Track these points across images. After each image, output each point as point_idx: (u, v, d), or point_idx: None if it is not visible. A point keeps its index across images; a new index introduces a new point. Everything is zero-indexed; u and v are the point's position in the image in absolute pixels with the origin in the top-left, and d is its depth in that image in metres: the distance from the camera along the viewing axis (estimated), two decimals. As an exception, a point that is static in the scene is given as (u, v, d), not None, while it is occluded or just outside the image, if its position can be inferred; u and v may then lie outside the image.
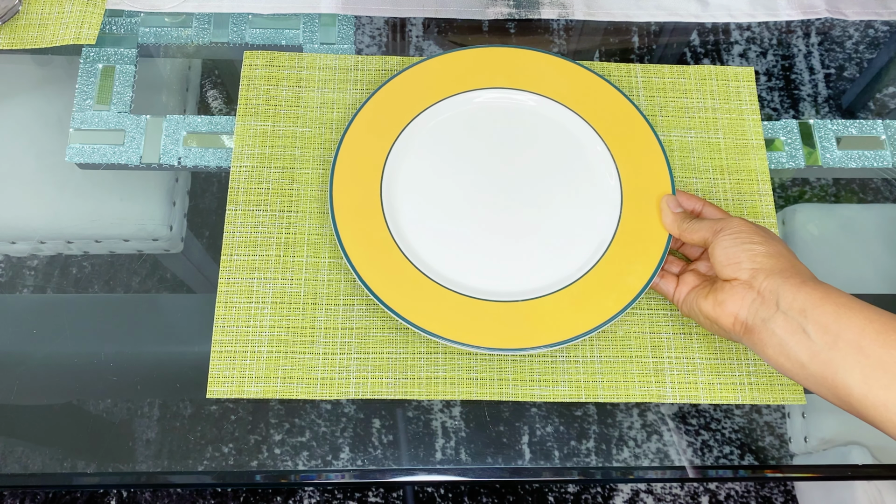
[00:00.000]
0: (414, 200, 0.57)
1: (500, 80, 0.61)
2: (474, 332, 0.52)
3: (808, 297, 0.45)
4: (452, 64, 0.61)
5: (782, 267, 0.47)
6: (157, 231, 0.60)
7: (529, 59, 0.61)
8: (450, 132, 0.60)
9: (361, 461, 0.53)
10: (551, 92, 0.60)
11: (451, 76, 0.61)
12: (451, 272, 0.55)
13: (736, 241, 0.49)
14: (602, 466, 0.54)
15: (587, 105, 0.60)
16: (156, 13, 0.66)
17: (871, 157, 0.63)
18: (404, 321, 0.52)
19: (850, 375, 0.42)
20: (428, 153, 0.59)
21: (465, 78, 0.61)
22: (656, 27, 0.69)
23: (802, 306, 0.45)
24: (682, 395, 0.54)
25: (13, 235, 0.60)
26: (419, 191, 0.57)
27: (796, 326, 0.45)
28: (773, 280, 0.47)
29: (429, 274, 0.54)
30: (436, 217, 0.57)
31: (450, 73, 0.61)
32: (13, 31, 0.64)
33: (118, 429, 0.53)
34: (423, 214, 0.57)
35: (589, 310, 0.53)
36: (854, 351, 0.42)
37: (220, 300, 0.55)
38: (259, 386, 0.53)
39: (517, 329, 0.52)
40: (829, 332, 0.43)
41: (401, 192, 0.57)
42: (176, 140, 0.61)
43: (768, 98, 0.66)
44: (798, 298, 0.45)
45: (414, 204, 0.57)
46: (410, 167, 0.58)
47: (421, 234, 0.56)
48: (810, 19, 0.70)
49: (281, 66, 0.63)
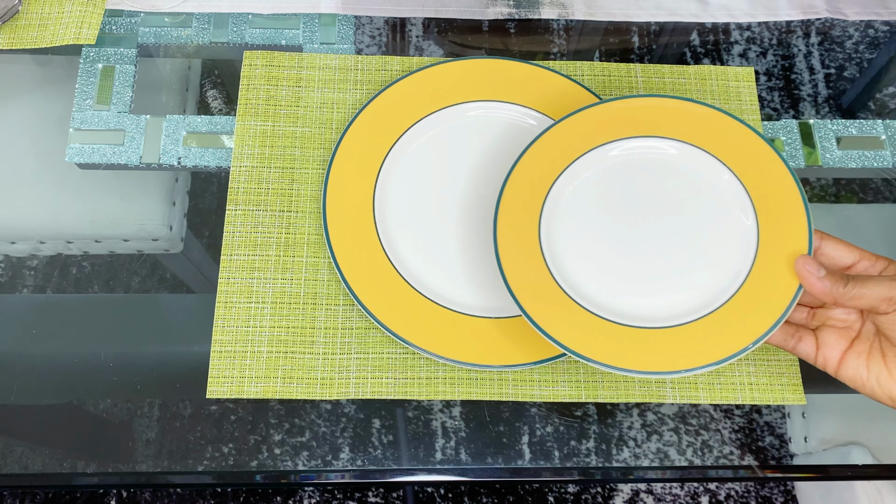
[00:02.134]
0: (405, 218, 0.57)
1: (496, 93, 0.61)
2: (463, 348, 0.52)
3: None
4: (450, 74, 0.61)
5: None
6: (156, 231, 0.60)
7: (527, 74, 0.61)
8: (442, 145, 0.60)
9: (361, 461, 0.53)
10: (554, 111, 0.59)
11: (447, 86, 0.61)
12: (440, 288, 0.55)
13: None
14: (602, 466, 0.54)
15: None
16: (156, 13, 0.66)
17: (871, 157, 0.63)
18: (402, 341, 0.52)
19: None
20: (419, 166, 0.59)
21: (462, 89, 0.61)
22: (656, 27, 0.69)
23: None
24: (682, 395, 0.54)
25: (13, 235, 0.60)
26: (411, 207, 0.57)
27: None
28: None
29: (419, 289, 0.54)
30: (425, 233, 0.57)
31: (447, 83, 0.61)
32: (13, 31, 0.64)
33: (118, 429, 0.53)
34: (416, 236, 0.57)
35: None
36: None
37: (220, 300, 0.55)
38: (259, 386, 0.53)
39: (512, 344, 0.53)
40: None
41: (393, 208, 0.57)
42: (176, 140, 0.61)
43: (768, 98, 0.66)
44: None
45: (407, 224, 0.57)
46: (400, 185, 0.58)
47: (412, 250, 0.56)
48: (810, 19, 0.70)
49: (281, 66, 0.63)
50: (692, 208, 0.53)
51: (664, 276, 0.51)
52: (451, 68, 0.61)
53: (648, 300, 0.50)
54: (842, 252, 0.48)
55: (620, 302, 0.50)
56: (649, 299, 0.50)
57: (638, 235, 0.53)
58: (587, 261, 0.52)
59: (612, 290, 0.51)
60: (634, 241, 0.52)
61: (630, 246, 0.52)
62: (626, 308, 0.50)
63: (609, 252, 0.52)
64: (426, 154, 0.59)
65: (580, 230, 0.53)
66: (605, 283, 0.51)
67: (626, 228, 0.53)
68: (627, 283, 0.51)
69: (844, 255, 0.47)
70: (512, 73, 0.61)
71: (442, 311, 0.54)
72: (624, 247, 0.52)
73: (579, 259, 0.52)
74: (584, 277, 0.51)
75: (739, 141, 0.53)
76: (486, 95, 0.61)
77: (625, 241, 0.52)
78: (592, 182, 0.54)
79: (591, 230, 0.53)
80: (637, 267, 0.52)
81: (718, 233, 0.52)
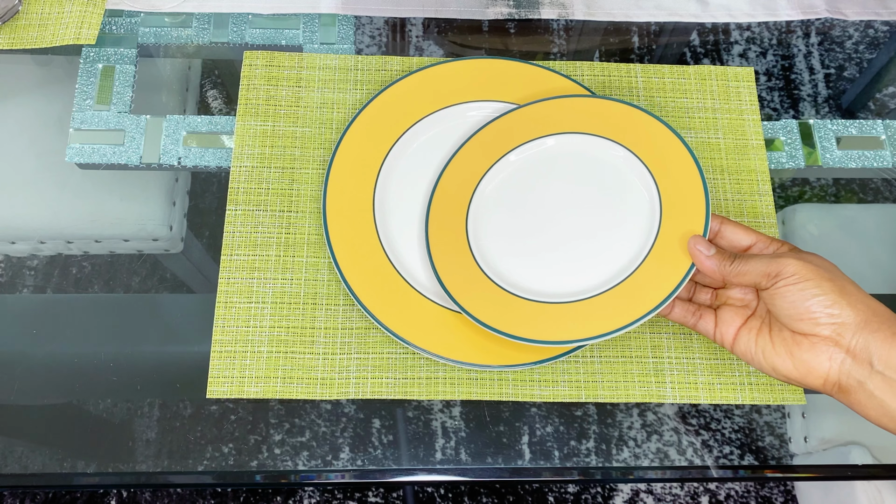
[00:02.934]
0: (405, 218, 0.57)
1: (496, 93, 0.61)
2: (463, 348, 0.53)
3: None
4: (450, 74, 0.61)
5: (865, 317, 0.43)
6: (157, 231, 0.60)
7: (527, 74, 0.61)
8: (442, 145, 0.60)
9: (361, 461, 0.53)
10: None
11: (447, 86, 0.61)
12: (439, 288, 0.55)
13: (803, 293, 0.45)
14: (602, 466, 0.54)
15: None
16: (156, 13, 0.66)
17: (871, 157, 0.63)
18: (402, 341, 0.52)
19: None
20: (419, 166, 0.59)
21: (462, 89, 0.61)
22: (656, 27, 0.69)
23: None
24: (682, 396, 0.54)
25: (13, 235, 0.60)
26: (411, 207, 0.58)
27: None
28: (861, 336, 0.43)
29: (419, 289, 0.55)
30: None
31: (447, 83, 0.61)
32: (13, 31, 0.64)
33: (118, 429, 0.53)
34: (416, 236, 0.57)
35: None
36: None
37: (220, 300, 0.55)
38: (259, 386, 0.53)
39: (512, 344, 0.53)
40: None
41: (393, 208, 0.58)
42: (176, 140, 0.61)
43: (768, 98, 0.66)
44: (893, 355, 0.42)
45: (406, 224, 0.57)
46: (400, 185, 0.58)
47: (412, 250, 0.57)
48: (810, 19, 0.70)
49: (281, 66, 0.63)
50: (603, 197, 0.56)
51: (573, 257, 0.55)
52: (451, 68, 0.61)
53: (558, 279, 0.54)
54: (740, 235, 0.51)
55: (531, 279, 0.54)
56: (559, 278, 0.54)
57: (553, 222, 0.56)
58: (509, 246, 0.55)
59: (526, 270, 0.54)
60: (549, 227, 0.56)
61: (545, 232, 0.56)
62: (537, 285, 0.53)
63: (525, 238, 0.55)
64: (426, 154, 0.59)
65: (502, 218, 0.56)
66: (521, 263, 0.55)
67: (541, 216, 0.56)
68: (540, 263, 0.55)
69: (742, 238, 0.51)
70: (512, 73, 0.61)
71: (442, 311, 0.54)
72: (539, 233, 0.56)
73: (500, 244, 0.55)
74: (503, 259, 0.55)
75: (650, 133, 0.57)
76: (486, 95, 0.61)
77: (540, 228, 0.56)
78: (516, 175, 0.57)
79: (511, 218, 0.56)
80: (551, 250, 0.55)
81: (625, 217, 0.55)
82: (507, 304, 0.52)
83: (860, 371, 0.43)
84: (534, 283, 0.54)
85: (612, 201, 0.56)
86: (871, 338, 0.43)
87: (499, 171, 0.57)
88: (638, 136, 0.57)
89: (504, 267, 0.54)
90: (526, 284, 0.53)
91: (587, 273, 0.54)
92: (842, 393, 0.44)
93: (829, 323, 0.44)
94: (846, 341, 0.43)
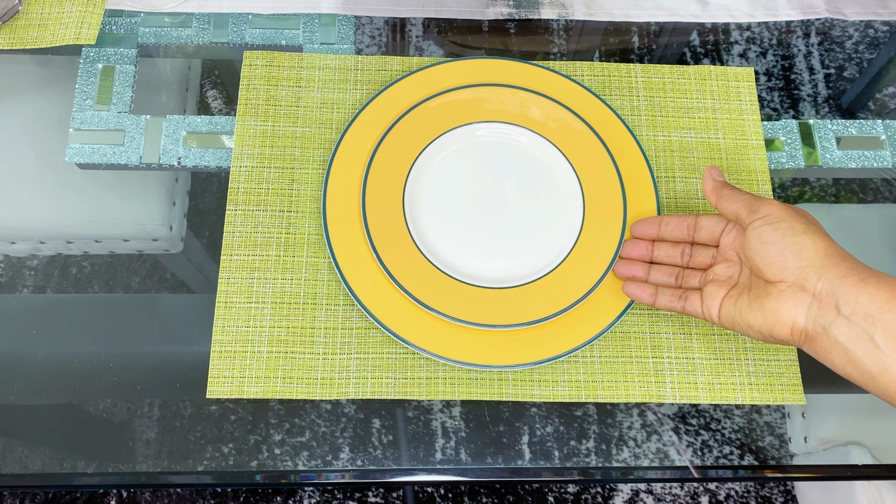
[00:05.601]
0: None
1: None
2: (463, 348, 0.53)
3: (873, 298, 0.41)
4: (450, 74, 0.61)
5: (833, 262, 0.43)
6: (156, 231, 0.60)
7: (527, 74, 0.61)
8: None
9: (361, 461, 0.53)
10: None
11: (447, 86, 0.60)
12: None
13: (776, 233, 0.44)
14: (602, 466, 0.54)
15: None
16: (156, 13, 0.66)
17: (871, 157, 0.63)
18: (402, 341, 0.52)
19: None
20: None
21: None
22: (656, 27, 0.69)
23: (867, 310, 0.40)
24: (682, 396, 0.54)
25: (13, 235, 0.60)
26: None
27: (862, 334, 0.40)
28: (827, 279, 0.42)
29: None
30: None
31: (447, 83, 0.61)
32: (13, 31, 0.64)
33: (118, 429, 0.53)
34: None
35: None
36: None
37: (220, 300, 0.55)
38: (259, 386, 0.53)
39: (512, 344, 0.53)
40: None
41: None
42: (176, 140, 0.61)
43: (768, 98, 0.66)
44: (861, 301, 0.41)
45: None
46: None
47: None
48: (810, 19, 0.70)
49: (281, 66, 0.63)
50: (537, 186, 0.58)
51: (510, 242, 0.56)
52: (451, 68, 0.61)
53: (494, 263, 0.56)
54: (713, 220, 0.52)
55: (469, 264, 0.55)
56: (495, 262, 0.56)
57: (490, 208, 0.57)
58: (446, 227, 0.56)
59: (464, 254, 0.56)
60: (486, 212, 0.57)
61: (482, 216, 0.57)
62: (472, 269, 0.55)
63: (463, 221, 0.57)
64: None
65: (440, 199, 0.57)
66: (459, 248, 0.56)
67: (479, 201, 0.58)
68: (478, 249, 0.56)
69: (716, 223, 0.52)
70: (512, 73, 0.61)
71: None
72: (477, 217, 0.57)
73: (437, 225, 0.56)
74: (441, 241, 0.56)
75: (583, 115, 0.60)
76: None
77: (478, 212, 0.57)
78: (455, 157, 0.59)
79: (450, 200, 0.57)
80: (487, 235, 0.57)
81: (559, 207, 0.58)
82: (446, 286, 0.53)
83: (825, 316, 0.42)
84: (470, 268, 0.55)
85: (542, 191, 0.58)
86: (839, 282, 0.42)
87: (450, 144, 0.59)
88: (564, 129, 0.59)
89: (441, 249, 0.56)
90: (463, 267, 0.55)
91: (521, 259, 0.56)
92: (808, 341, 0.44)
93: (796, 266, 0.43)
94: (811, 285, 0.43)
